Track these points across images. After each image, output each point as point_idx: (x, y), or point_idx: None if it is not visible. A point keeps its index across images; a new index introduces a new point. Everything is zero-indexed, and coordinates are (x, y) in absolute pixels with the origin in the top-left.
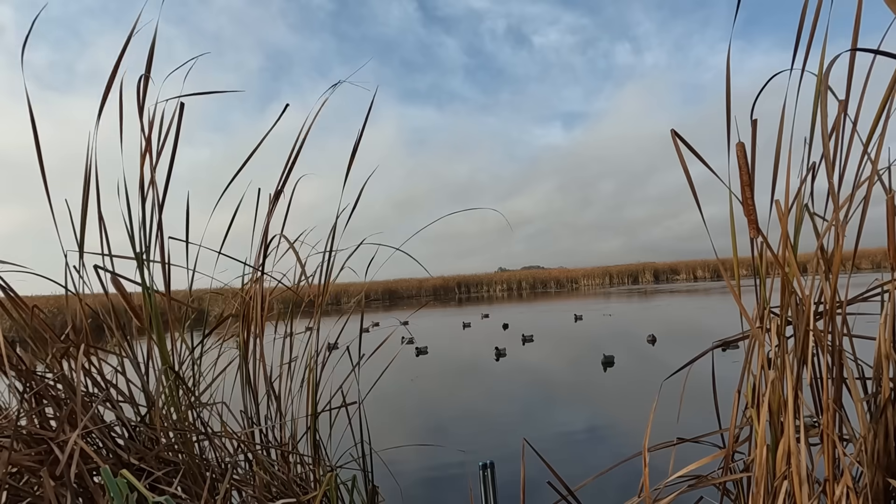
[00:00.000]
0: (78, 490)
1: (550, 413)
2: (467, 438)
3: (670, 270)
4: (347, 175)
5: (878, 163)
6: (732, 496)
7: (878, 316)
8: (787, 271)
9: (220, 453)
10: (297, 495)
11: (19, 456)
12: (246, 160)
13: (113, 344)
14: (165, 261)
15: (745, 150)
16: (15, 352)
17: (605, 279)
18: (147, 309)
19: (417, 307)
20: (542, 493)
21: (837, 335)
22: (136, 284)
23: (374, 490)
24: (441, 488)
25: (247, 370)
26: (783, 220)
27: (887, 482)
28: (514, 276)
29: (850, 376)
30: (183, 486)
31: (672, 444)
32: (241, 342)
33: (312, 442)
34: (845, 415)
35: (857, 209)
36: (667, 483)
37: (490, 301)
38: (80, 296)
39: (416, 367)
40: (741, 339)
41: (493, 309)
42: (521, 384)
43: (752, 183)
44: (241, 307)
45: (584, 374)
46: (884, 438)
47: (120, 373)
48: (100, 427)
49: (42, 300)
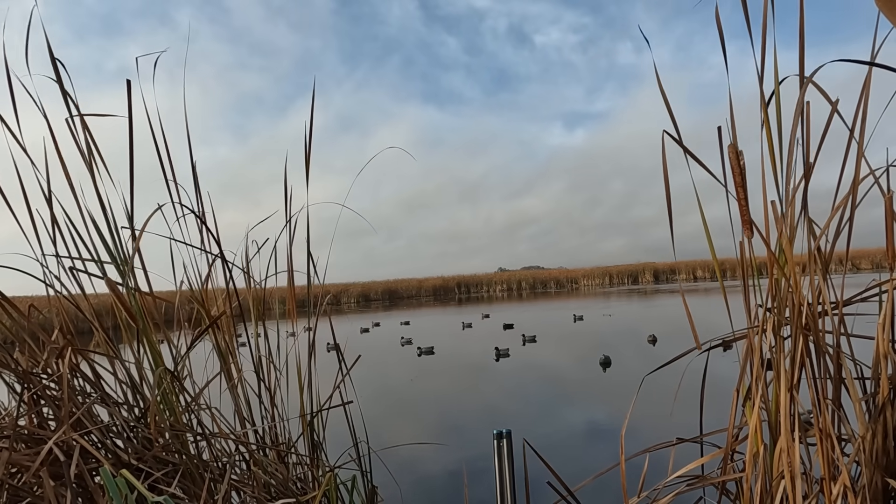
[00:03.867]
0: (77, 490)
1: (552, 413)
2: (467, 439)
3: (670, 270)
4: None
5: (866, 162)
6: (732, 496)
7: (876, 316)
8: (782, 271)
9: (218, 452)
10: (296, 495)
11: (19, 456)
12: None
13: (104, 345)
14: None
15: (736, 151)
16: (11, 355)
17: (604, 279)
18: (134, 309)
19: (417, 307)
20: (543, 494)
21: (835, 335)
22: (120, 285)
23: (374, 490)
24: (442, 488)
25: (242, 371)
26: (778, 221)
27: (886, 482)
28: (514, 277)
29: (848, 376)
30: (182, 487)
31: (671, 443)
32: (224, 343)
33: (310, 442)
34: (844, 414)
35: (847, 210)
36: (666, 483)
37: (490, 301)
38: (72, 298)
39: (418, 367)
40: (736, 340)
41: (493, 309)
42: (523, 384)
43: (745, 184)
44: (234, 308)
45: (585, 374)
46: (882, 438)
47: (112, 374)
48: (99, 427)
49: (38, 300)
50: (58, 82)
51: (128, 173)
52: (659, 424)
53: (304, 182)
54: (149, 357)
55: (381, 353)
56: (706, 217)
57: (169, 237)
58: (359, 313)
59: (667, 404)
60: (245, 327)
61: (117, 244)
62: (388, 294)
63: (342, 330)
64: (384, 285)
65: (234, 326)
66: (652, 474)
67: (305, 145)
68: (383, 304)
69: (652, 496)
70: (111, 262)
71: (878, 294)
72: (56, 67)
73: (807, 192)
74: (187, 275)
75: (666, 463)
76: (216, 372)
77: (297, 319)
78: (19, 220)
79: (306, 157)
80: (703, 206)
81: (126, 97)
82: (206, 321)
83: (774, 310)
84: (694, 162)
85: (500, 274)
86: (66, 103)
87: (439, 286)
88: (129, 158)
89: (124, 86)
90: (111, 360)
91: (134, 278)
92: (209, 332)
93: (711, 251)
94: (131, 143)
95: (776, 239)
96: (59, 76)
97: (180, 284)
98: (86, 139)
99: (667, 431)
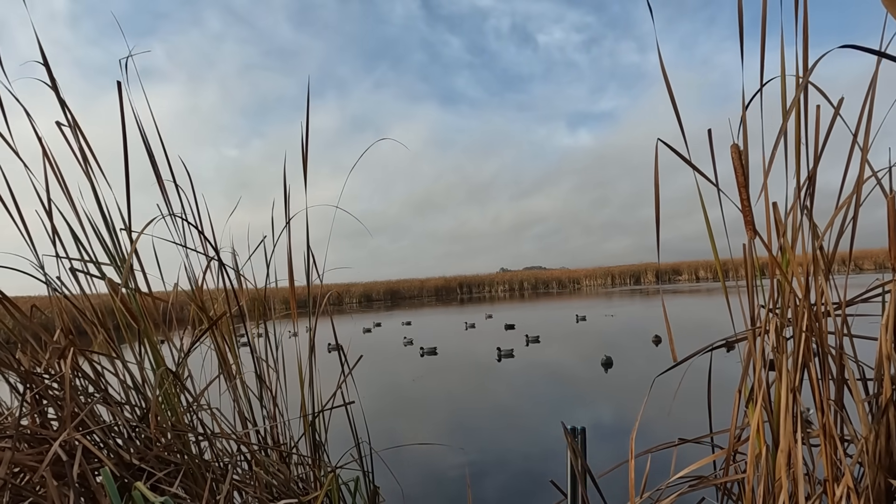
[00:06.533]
0: (80, 490)
1: (558, 413)
2: (470, 440)
3: (672, 271)
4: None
5: (870, 162)
6: (734, 497)
7: (880, 317)
8: (783, 272)
9: (219, 452)
10: (298, 496)
11: (22, 456)
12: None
13: (105, 346)
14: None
15: (739, 151)
16: (14, 355)
17: (606, 279)
18: (135, 309)
19: (419, 307)
20: (545, 493)
21: (838, 335)
22: (120, 286)
23: (376, 491)
24: (444, 488)
25: (243, 372)
26: (780, 222)
27: (889, 483)
28: (516, 277)
29: (851, 377)
30: (184, 487)
31: (674, 444)
32: (226, 343)
33: (312, 442)
34: (847, 415)
35: (852, 210)
36: (668, 484)
37: (492, 301)
38: (73, 299)
39: (420, 367)
40: (738, 341)
41: (495, 309)
42: (526, 385)
43: (747, 184)
44: (236, 308)
45: (590, 374)
46: (885, 439)
47: (114, 374)
48: (101, 427)
49: (40, 301)
50: (53, 87)
51: (129, 174)
52: (659, 424)
53: (312, 182)
54: (150, 357)
55: (383, 354)
56: (711, 217)
57: (170, 240)
58: (361, 313)
59: (666, 404)
60: (246, 328)
61: (117, 246)
62: (390, 294)
63: (344, 330)
64: (386, 285)
65: (235, 327)
66: (652, 474)
67: (302, 147)
68: (385, 304)
69: (655, 496)
70: (110, 263)
71: (881, 294)
72: (49, 71)
73: (809, 193)
74: (187, 275)
75: (666, 463)
76: (217, 372)
77: (298, 319)
78: (22, 218)
79: (304, 159)
80: (708, 207)
81: (127, 98)
82: (206, 322)
83: (777, 311)
84: (699, 162)
85: (502, 274)
86: (63, 110)
87: (441, 286)
88: (123, 160)
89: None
90: (113, 360)
91: (134, 280)
92: (210, 332)
93: (714, 252)
94: (125, 144)
95: (778, 239)
96: (53, 80)
97: (175, 286)
98: (82, 142)
99: (667, 431)
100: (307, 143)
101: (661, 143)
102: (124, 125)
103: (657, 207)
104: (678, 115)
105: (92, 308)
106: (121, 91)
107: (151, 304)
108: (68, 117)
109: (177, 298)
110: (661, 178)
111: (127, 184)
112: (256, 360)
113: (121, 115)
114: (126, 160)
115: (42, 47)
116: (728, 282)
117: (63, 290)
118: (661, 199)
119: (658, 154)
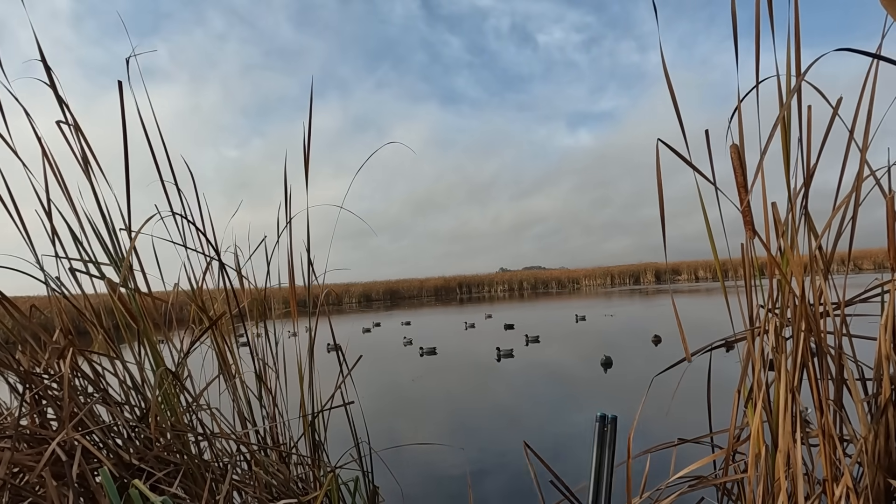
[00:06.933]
0: (79, 490)
1: (558, 412)
2: (471, 439)
3: (672, 271)
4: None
5: (867, 164)
6: (734, 497)
7: (878, 316)
8: (782, 272)
9: (219, 452)
10: (298, 496)
11: (21, 456)
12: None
13: (105, 346)
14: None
15: (738, 151)
16: (13, 355)
17: (606, 279)
18: (135, 309)
19: (419, 307)
20: (546, 493)
21: (837, 335)
22: (119, 286)
23: (375, 491)
24: (444, 488)
25: (242, 372)
26: (779, 222)
27: (888, 482)
28: (515, 277)
29: (850, 377)
30: (184, 487)
31: (673, 444)
32: (220, 343)
33: (311, 442)
34: (846, 415)
35: (851, 210)
36: (668, 484)
37: (491, 301)
38: (72, 299)
39: (420, 367)
40: (737, 341)
41: (494, 309)
42: (525, 384)
43: (746, 185)
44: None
45: (590, 374)
46: (884, 439)
47: (113, 374)
48: (100, 427)
49: (39, 301)
50: (52, 87)
51: (130, 174)
52: (658, 424)
53: (313, 182)
54: (149, 357)
55: (383, 354)
56: (711, 217)
57: (170, 240)
58: (360, 313)
59: (665, 404)
60: (245, 328)
61: (116, 246)
62: (389, 294)
63: (343, 330)
64: (385, 285)
65: (235, 327)
66: (651, 474)
67: (304, 147)
68: (384, 304)
69: (654, 496)
70: (110, 263)
71: (879, 294)
72: (48, 71)
73: (807, 193)
74: (187, 275)
75: (666, 463)
76: (217, 372)
77: (298, 319)
78: (22, 218)
79: (305, 159)
80: (708, 207)
81: (130, 97)
82: (206, 322)
83: (776, 311)
84: (700, 162)
85: (502, 274)
86: (62, 109)
87: (441, 286)
88: (124, 160)
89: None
90: (112, 360)
91: (133, 280)
92: (210, 332)
93: (713, 251)
94: (125, 144)
95: (777, 239)
96: (52, 80)
97: (175, 286)
98: (82, 141)
99: (666, 431)
100: (309, 143)
101: (661, 143)
102: (125, 125)
103: (661, 206)
104: (679, 116)
105: (91, 308)
106: (121, 90)
107: (151, 304)
108: (68, 117)
109: (177, 298)
110: (662, 178)
111: (127, 183)
112: (256, 361)
113: (121, 114)
114: (126, 160)
115: (41, 47)
116: (727, 282)
117: (62, 290)
118: (665, 198)
119: (659, 154)
